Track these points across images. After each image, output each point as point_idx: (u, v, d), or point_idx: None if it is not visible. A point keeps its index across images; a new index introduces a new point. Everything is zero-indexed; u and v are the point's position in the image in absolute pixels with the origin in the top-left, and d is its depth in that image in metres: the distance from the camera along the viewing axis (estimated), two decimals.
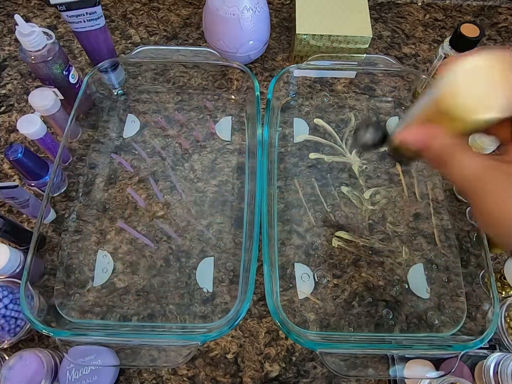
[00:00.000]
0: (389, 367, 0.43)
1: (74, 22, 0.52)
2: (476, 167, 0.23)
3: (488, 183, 0.22)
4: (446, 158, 0.24)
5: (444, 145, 0.24)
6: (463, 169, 0.23)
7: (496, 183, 0.22)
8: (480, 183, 0.22)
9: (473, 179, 0.23)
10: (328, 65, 0.59)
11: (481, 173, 0.22)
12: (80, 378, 0.42)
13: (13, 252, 0.44)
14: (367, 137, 0.30)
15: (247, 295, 0.40)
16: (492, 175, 0.22)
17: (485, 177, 0.22)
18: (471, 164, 0.23)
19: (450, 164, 0.24)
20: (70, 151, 0.57)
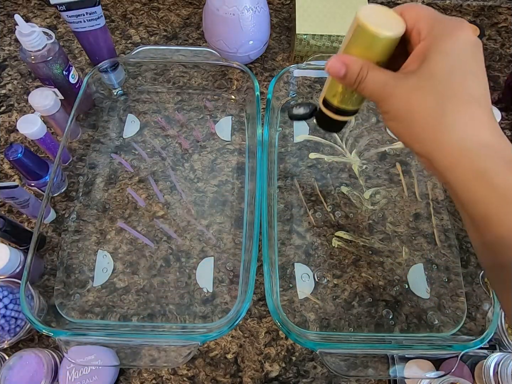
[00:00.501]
0: (389, 367, 0.43)
1: (74, 22, 0.52)
2: (383, 76, 0.29)
3: (393, 86, 0.28)
4: (361, 76, 0.29)
5: (358, 64, 0.29)
6: (374, 81, 0.29)
7: (397, 87, 0.28)
8: (387, 89, 0.29)
9: (381, 86, 0.29)
10: None
11: (387, 81, 0.29)
12: (80, 378, 0.42)
13: (13, 252, 0.44)
14: (299, 110, 0.37)
15: (247, 295, 0.41)
16: (394, 81, 0.28)
17: (390, 84, 0.28)
18: (380, 75, 0.29)
19: (363, 80, 0.29)
20: (70, 151, 0.57)
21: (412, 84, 0.28)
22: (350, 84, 0.30)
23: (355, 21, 0.30)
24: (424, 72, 0.28)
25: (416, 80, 0.28)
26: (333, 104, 0.34)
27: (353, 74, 0.30)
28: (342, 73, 0.30)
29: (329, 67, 0.30)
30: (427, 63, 0.27)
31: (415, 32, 0.29)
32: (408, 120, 0.28)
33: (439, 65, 0.27)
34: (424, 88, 0.27)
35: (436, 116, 0.27)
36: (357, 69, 0.29)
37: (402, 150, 0.59)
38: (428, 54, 0.28)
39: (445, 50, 0.27)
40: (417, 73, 0.28)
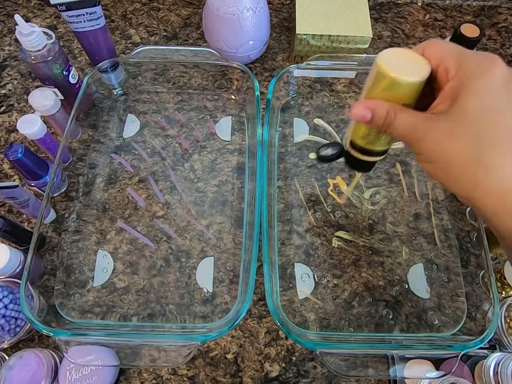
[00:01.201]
0: (389, 367, 0.43)
1: (74, 22, 0.52)
2: (412, 118, 0.28)
3: (423, 129, 0.28)
4: (388, 120, 0.29)
5: (384, 108, 0.29)
6: (402, 123, 0.28)
7: (429, 130, 0.27)
8: (418, 132, 0.28)
9: (412, 129, 0.28)
10: (328, 65, 0.59)
11: (417, 123, 0.28)
12: (80, 378, 0.42)
13: (13, 252, 0.44)
14: (326, 151, 0.38)
15: (247, 295, 0.41)
16: (425, 123, 0.28)
17: (420, 127, 0.28)
18: (409, 117, 0.28)
19: (392, 124, 0.29)
20: (70, 151, 0.57)
21: (444, 127, 0.27)
22: (378, 128, 0.30)
23: (375, 67, 0.29)
24: (456, 113, 0.26)
25: (448, 122, 0.27)
26: (360, 146, 0.34)
27: (379, 118, 0.29)
28: (368, 118, 0.29)
29: (354, 113, 0.30)
30: (458, 103, 0.26)
31: (442, 70, 0.28)
32: (444, 163, 0.27)
33: (472, 105, 0.26)
34: (458, 131, 0.26)
35: (474, 161, 0.26)
36: (384, 113, 0.29)
37: (402, 150, 0.59)
38: (460, 94, 0.26)
39: (477, 90, 0.26)
40: (449, 114, 0.27)
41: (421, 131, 0.28)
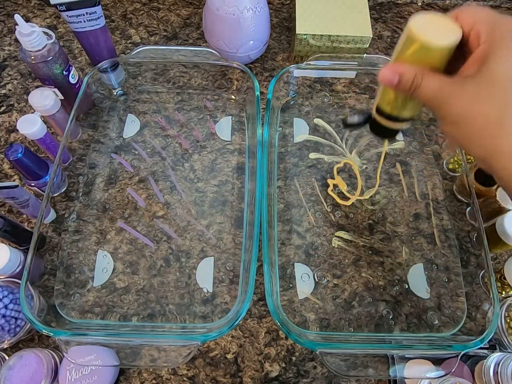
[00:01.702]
0: (389, 367, 0.43)
1: (74, 22, 0.52)
2: (440, 82, 0.28)
3: (450, 93, 0.28)
4: (416, 83, 0.29)
5: (412, 71, 0.29)
6: (429, 87, 0.29)
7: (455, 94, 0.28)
8: (444, 95, 0.28)
9: (438, 92, 0.28)
10: (328, 65, 0.59)
11: (444, 87, 0.28)
12: (80, 378, 0.42)
13: (13, 252, 0.44)
14: (353, 117, 0.38)
15: (247, 295, 0.41)
16: (452, 87, 0.28)
17: (447, 91, 0.28)
18: (436, 81, 0.28)
19: (419, 88, 0.29)
20: (70, 151, 0.57)
21: (471, 90, 0.27)
22: (404, 91, 0.30)
23: (406, 31, 0.29)
24: (483, 78, 0.27)
25: (475, 85, 0.27)
26: (386, 112, 0.34)
27: (407, 82, 0.29)
28: (395, 81, 0.30)
29: (381, 77, 0.30)
30: (487, 68, 0.26)
31: (474, 34, 0.28)
32: (466, 125, 0.28)
33: (501, 70, 0.26)
34: (484, 95, 0.27)
35: (495, 124, 0.26)
36: (411, 76, 0.29)
37: (402, 150, 0.59)
38: (488, 58, 0.26)
39: (507, 54, 0.26)
40: (476, 78, 0.27)
41: (447, 95, 0.28)
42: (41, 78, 0.53)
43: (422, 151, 0.59)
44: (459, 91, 0.27)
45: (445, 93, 0.28)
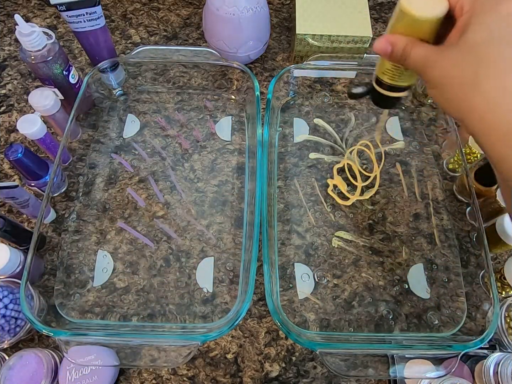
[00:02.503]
0: (389, 367, 0.43)
1: (74, 22, 0.52)
2: (426, 50, 0.31)
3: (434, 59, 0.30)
4: (406, 52, 0.31)
5: (402, 42, 0.32)
6: (417, 55, 0.31)
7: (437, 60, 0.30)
8: (429, 61, 0.31)
9: (424, 59, 0.31)
10: (328, 65, 0.59)
11: (429, 54, 0.31)
12: (80, 378, 0.42)
13: (13, 252, 0.44)
14: (357, 89, 0.40)
15: (247, 295, 0.41)
16: (436, 54, 0.30)
17: (431, 58, 0.30)
18: (423, 49, 0.31)
19: (409, 56, 0.31)
20: (70, 151, 0.57)
21: (451, 55, 0.29)
22: (396, 60, 0.33)
23: (398, 5, 0.31)
24: (462, 44, 0.29)
25: (455, 51, 0.29)
26: (384, 81, 0.37)
27: (398, 51, 0.32)
28: (389, 51, 0.32)
29: (376, 46, 0.33)
30: (466, 35, 0.29)
31: (459, 7, 0.30)
32: (446, 87, 0.30)
33: (477, 36, 0.28)
34: (461, 58, 0.29)
35: (471, 84, 0.28)
36: (402, 46, 0.32)
37: (402, 150, 0.59)
38: (468, 27, 0.29)
39: (484, 22, 0.28)
40: (455, 46, 0.29)
41: (431, 62, 0.30)
42: (41, 78, 0.53)
43: (422, 151, 0.59)
44: (441, 57, 0.30)
45: (430, 59, 0.31)
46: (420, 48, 0.31)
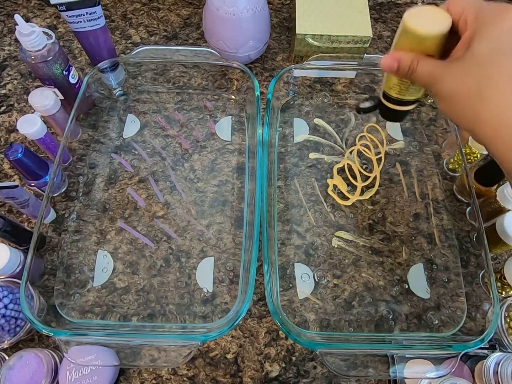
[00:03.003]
0: (389, 367, 0.43)
1: (74, 22, 0.52)
2: (432, 65, 0.32)
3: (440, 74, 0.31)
4: (412, 68, 0.32)
5: (408, 58, 0.32)
6: (423, 70, 0.32)
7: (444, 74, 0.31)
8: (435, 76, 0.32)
9: (430, 74, 0.32)
10: (328, 65, 0.59)
11: (435, 69, 0.32)
12: (80, 378, 0.42)
13: (13, 252, 0.44)
14: (365, 104, 0.41)
15: (247, 295, 0.41)
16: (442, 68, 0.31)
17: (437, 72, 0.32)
18: (429, 64, 0.32)
19: (415, 71, 0.32)
20: (70, 151, 0.57)
21: (456, 69, 0.31)
22: (403, 76, 0.34)
23: (402, 23, 0.32)
24: (467, 58, 0.30)
25: (460, 65, 0.30)
26: (392, 96, 0.37)
27: (404, 67, 0.33)
28: (395, 67, 0.33)
29: (383, 63, 0.34)
30: (470, 49, 0.30)
31: (462, 22, 0.31)
32: (452, 100, 0.31)
33: (481, 49, 0.29)
34: (466, 72, 0.30)
35: (476, 96, 0.29)
36: (408, 62, 0.33)
37: (402, 150, 0.59)
38: (472, 41, 0.30)
39: (487, 36, 0.29)
40: (461, 60, 0.30)
41: (437, 76, 0.31)
42: (41, 78, 0.53)
43: (422, 151, 0.59)
44: (447, 71, 0.31)
45: (436, 74, 0.32)
46: (425, 63, 0.32)
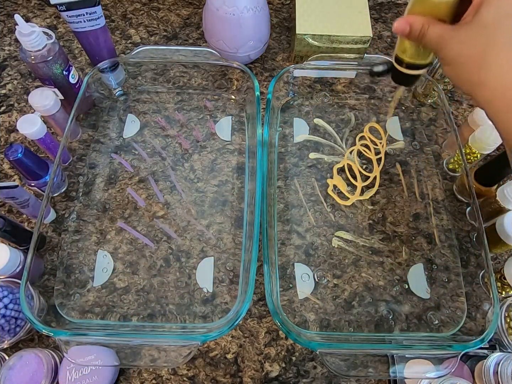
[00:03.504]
0: (389, 367, 0.43)
1: (74, 22, 0.52)
2: (441, 29, 0.32)
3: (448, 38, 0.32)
4: (423, 31, 0.33)
5: (420, 22, 0.33)
6: (433, 33, 0.33)
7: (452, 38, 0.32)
8: (444, 39, 0.32)
9: (439, 37, 0.33)
10: (328, 65, 0.59)
11: (444, 33, 0.32)
12: (80, 378, 0.42)
13: (13, 252, 0.44)
14: (378, 67, 0.41)
15: (247, 295, 0.41)
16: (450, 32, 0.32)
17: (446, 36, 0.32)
18: (439, 28, 0.33)
19: (425, 35, 0.33)
20: (70, 151, 0.57)
21: (463, 34, 0.31)
22: (414, 39, 0.34)
23: None
24: (474, 23, 0.31)
25: (467, 30, 0.31)
26: (403, 60, 0.38)
27: (416, 30, 0.34)
28: (407, 31, 0.34)
29: (395, 26, 0.35)
30: (478, 14, 0.30)
31: None
32: (457, 64, 0.32)
33: (488, 16, 0.30)
34: (473, 36, 0.31)
35: (479, 60, 0.30)
36: (419, 25, 0.33)
37: (402, 150, 0.59)
38: (481, 6, 0.30)
39: (495, 3, 0.30)
40: (469, 24, 0.31)
41: (446, 40, 0.32)
42: (41, 78, 0.53)
43: (422, 151, 0.59)
44: (455, 35, 0.32)
45: (445, 38, 0.32)
46: (436, 27, 0.33)
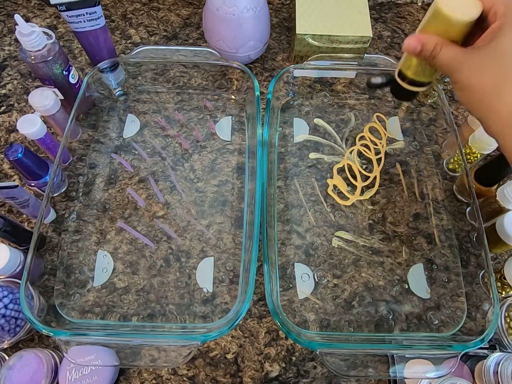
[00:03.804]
0: (389, 367, 0.43)
1: (74, 22, 0.52)
2: (454, 52, 0.32)
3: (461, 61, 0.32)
4: (434, 52, 0.33)
5: (432, 42, 0.33)
6: (445, 55, 0.32)
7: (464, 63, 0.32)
8: (456, 63, 0.32)
9: (452, 60, 0.32)
10: (328, 65, 0.59)
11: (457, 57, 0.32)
12: (80, 378, 0.42)
13: (13, 252, 0.44)
14: (376, 79, 0.41)
15: (247, 295, 0.41)
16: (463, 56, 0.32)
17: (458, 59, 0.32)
18: (451, 51, 0.32)
19: (437, 56, 0.33)
20: (70, 151, 0.57)
21: (478, 59, 0.31)
22: (425, 58, 0.34)
23: (433, 5, 0.32)
24: (489, 50, 0.30)
25: (481, 56, 0.31)
26: (407, 76, 0.38)
27: (427, 51, 0.33)
28: (418, 50, 0.34)
29: (406, 45, 0.34)
30: (495, 41, 0.30)
31: (492, 12, 0.31)
32: (469, 93, 0.32)
33: (504, 45, 0.30)
34: (486, 63, 0.30)
35: (492, 89, 0.30)
36: (432, 46, 0.33)
37: (402, 150, 0.59)
38: (498, 34, 0.30)
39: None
40: (484, 50, 0.30)
41: (459, 63, 0.32)
42: (41, 78, 0.53)
43: (422, 151, 0.59)
44: (468, 60, 0.31)
45: (457, 61, 0.32)
46: (449, 49, 0.32)
